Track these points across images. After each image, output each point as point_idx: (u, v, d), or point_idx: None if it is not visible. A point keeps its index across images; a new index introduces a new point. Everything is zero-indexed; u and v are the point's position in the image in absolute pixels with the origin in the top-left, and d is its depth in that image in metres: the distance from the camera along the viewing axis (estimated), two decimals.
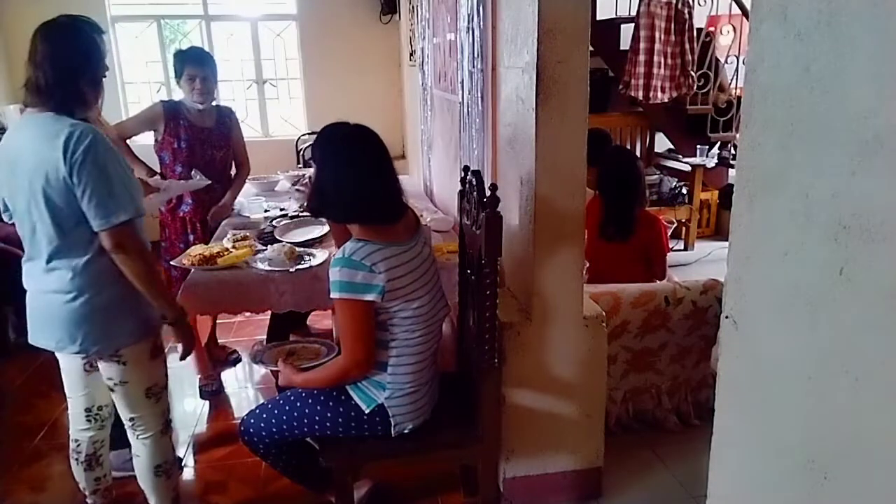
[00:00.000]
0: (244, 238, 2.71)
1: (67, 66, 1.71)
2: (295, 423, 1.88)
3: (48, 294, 1.78)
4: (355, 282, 1.70)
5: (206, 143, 3.06)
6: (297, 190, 2.43)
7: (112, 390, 1.91)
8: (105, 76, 1.82)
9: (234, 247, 2.59)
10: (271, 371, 2.10)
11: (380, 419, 1.84)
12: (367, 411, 1.83)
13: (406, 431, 1.87)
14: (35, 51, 1.71)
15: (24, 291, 1.86)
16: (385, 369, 1.82)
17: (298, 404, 1.88)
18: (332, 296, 1.73)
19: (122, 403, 1.93)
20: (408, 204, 1.90)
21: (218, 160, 3.13)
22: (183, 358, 2.02)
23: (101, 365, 1.88)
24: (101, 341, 1.82)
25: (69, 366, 1.94)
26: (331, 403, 1.86)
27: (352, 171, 1.78)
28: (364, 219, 1.78)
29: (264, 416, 1.92)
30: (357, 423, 1.85)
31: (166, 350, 2.02)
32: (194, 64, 2.97)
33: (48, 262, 1.75)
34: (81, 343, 1.79)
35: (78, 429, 2.03)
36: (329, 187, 1.79)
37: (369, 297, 1.71)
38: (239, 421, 1.99)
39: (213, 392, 3.08)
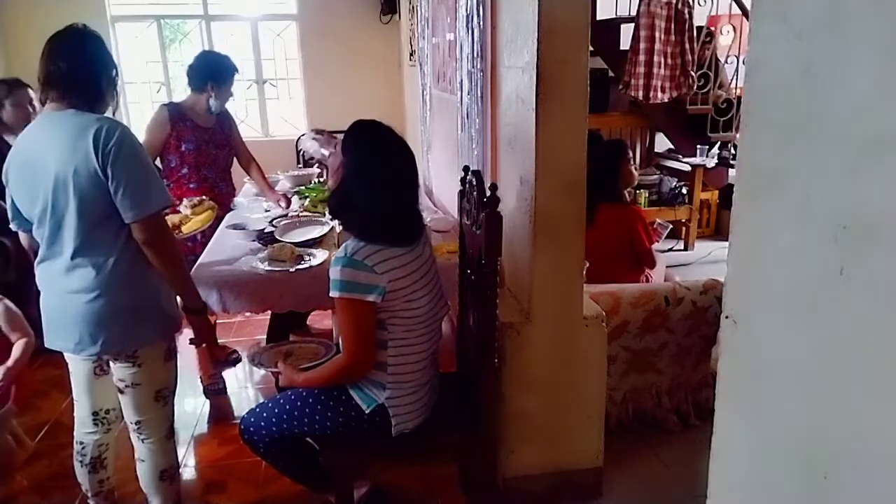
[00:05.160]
0: (200, 202, 2.64)
1: (89, 64, 1.76)
2: (295, 423, 1.88)
3: (68, 294, 1.78)
4: (358, 282, 1.69)
5: (209, 142, 3.07)
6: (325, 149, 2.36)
7: (122, 392, 1.91)
8: (117, 81, 1.86)
9: (192, 213, 2.54)
10: (271, 372, 2.10)
11: (380, 419, 1.84)
12: (367, 411, 1.83)
13: (406, 431, 1.87)
14: (55, 49, 1.74)
15: (29, 293, 1.87)
16: (385, 369, 1.82)
17: (299, 403, 1.88)
18: (332, 294, 1.72)
19: (130, 406, 1.93)
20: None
21: (221, 159, 3.14)
22: (198, 345, 2.05)
23: (114, 366, 1.88)
24: (121, 342, 1.82)
25: (78, 369, 1.94)
26: (331, 403, 1.86)
27: (384, 193, 1.76)
28: (382, 241, 1.75)
29: (264, 414, 1.92)
30: (357, 422, 1.85)
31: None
32: (235, 75, 3.06)
33: (72, 259, 1.75)
34: (103, 344, 1.79)
35: (84, 432, 2.03)
36: (356, 200, 1.77)
37: (371, 298, 1.71)
38: (239, 420, 1.99)
39: (218, 391, 3.09)
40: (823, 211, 0.82)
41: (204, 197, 2.73)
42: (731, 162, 4.66)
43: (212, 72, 2.99)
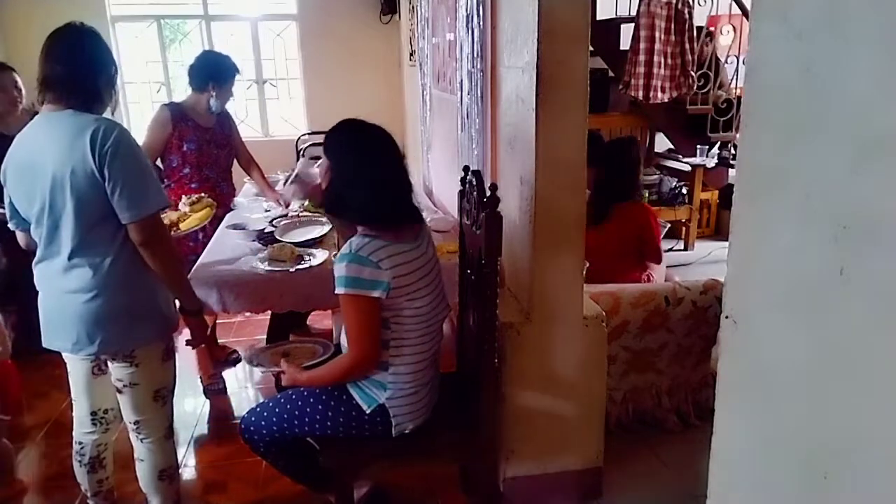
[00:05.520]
0: (199, 199, 2.62)
1: (87, 65, 1.75)
2: (296, 422, 1.88)
3: (66, 294, 1.77)
4: (362, 277, 1.70)
5: (211, 142, 3.07)
6: (295, 182, 2.38)
7: (120, 392, 1.91)
8: (116, 81, 1.86)
9: (191, 210, 2.53)
10: (272, 373, 2.10)
11: (380, 419, 1.84)
12: (367, 411, 1.83)
13: (406, 431, 1.87)
14: (52, 49, 1.73)
15: (28, 293, 1.87)
16: (386, 369, 1.82)
17: (300, 403, 1.88)
18: (337, 291, 1.72)
19: (128, 406, 1.93)
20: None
21: (222, 159, 3.14)
22: (194, 347, 2.07)
23: (112, 367, 1.89)
24: (119, 342, 1.82)
25: (77, 369, 1.94)
26: (332, 403, 1.86)
27: (373, 176, 1.77)
28: (382, 223, 1.77)
29: (265, 414, 1.92)
30: (358, 423, 1.85)
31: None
32: (237, 74, 3.06)
33: (69, 259, 1.75)
34: (100, 343, 1.79)
35: (82, 432, 2.02)
36: (348, 191, 1.78)
37: (376, 294, 1.71)
38: (239, 420, 1.99)
39: (218, 391, 3.09)
40: (823, 211, 0.82)
41: (203, 194, 2.73)
42: (731, 162, 4.67)
43: (213, 72, 2.99)
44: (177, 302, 1.95)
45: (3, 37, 5.26)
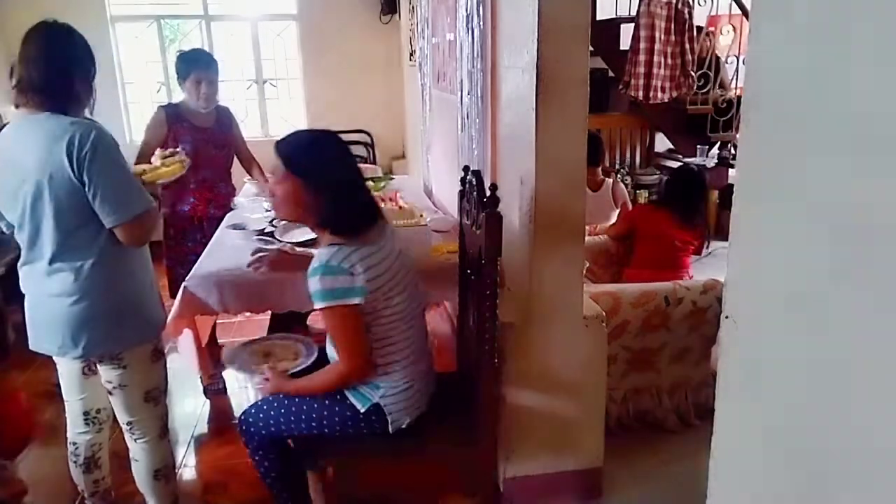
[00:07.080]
0: (172, 154, 2.49)
1: (62, 66, 1.72)
2: (293, 419, 1.88)
3: (50, 298, 1.77)
4: (336, 287, 1.69)
5: (208, 143, 3.06)
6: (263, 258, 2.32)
7: (111, 393, 1.91)
8: (94, 79, 1.82)
9: (162, 164, 2.51)
10: (256, 377, 2.04)
11: (376, 417, 1.84)
12: (362, 410, 1.84)
13: (403, 426, 1.87)
14: (26, 52, 1.71)
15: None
16: (375, 370, 1.83)
17: (297, 400, 1.89)
18: (315, 306, 1.72)
19: (120, 407, 1.93)
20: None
21: (220, 159, 3.13)
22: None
23: (100, 368, 1.88)
24: (104, 344, 1.81)
25: (67, 370, 1.93)
26: (327, 402, 1.86)
27: (346, 182, 1.79)
28: (359, 229, 1.77)
29: (265, 407, 1.92)
30: (353, 421, 1.85)
31: (166, 351, 2.02)
32: (201, 69, 2.96)
33: (51, 263, 1.74)
34: (84, 347, 1.79)
35: (76, 432, 2.02)
36: (331, 203, 1.76)
37: (355, 301, 1.71)
38: (240, 415, 1.98)
39: (218, 391, 3.08)
40: (823, 211, 0.82)
41: (179, 150, 2.63)
42: (731, 162, 4.67)
43: (176, 70, 2.99)
44: (170, 305, 1.93)
45: (3, 37, 5.26)
